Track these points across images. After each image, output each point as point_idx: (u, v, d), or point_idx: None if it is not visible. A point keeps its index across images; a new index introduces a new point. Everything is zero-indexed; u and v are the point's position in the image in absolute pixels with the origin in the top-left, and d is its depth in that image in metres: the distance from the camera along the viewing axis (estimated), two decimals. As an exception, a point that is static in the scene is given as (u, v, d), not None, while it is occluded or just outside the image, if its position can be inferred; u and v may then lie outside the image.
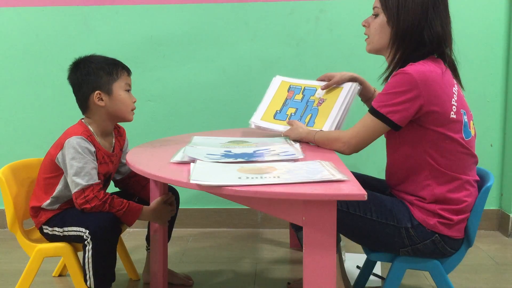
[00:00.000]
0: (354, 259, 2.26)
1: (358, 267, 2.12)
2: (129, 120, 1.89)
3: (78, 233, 1.71)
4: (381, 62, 1.73)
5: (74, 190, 1.72)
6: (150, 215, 1.82)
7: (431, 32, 1.56)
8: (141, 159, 1.69)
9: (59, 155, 1.76)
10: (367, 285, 2.01)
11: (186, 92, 2.79)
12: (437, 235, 1.54)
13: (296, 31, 2.74)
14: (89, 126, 1.84)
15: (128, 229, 2.77)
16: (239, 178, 1.31)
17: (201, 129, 2.67)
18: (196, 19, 2.74)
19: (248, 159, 1.55)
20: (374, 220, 1.56)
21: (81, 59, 1.85)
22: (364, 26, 1.72)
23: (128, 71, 1.89)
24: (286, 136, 1.93)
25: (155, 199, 1.86)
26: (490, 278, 2.20)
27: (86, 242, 1.68)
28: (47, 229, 1.80)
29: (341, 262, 1.83)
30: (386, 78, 1.66)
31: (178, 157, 1.60)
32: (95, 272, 1.68)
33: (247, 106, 2.14)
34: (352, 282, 2.00)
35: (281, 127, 1.98)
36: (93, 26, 2.76)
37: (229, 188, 1.26)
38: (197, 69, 2.78)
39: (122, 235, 2.14)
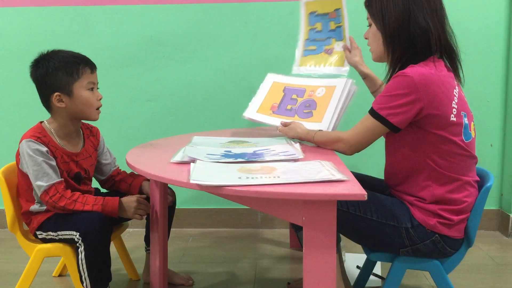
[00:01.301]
0: (354, 259, 2.26)
1: (358, 267, 2.12)
2: (94, 120, 1.84)
3: (70, 237, 1.70)
4: (381, 63, 1.73)
5: (39, 193, 1.71)
6: (120, 205, 1.75)
7: (416, 28, 1.57)
8: (141, 159, 1.69)
9: (21, 162, 1.76)
10: (367, 285, 2.01)
11: (186, 92, 2.79)
12: (437, 235, 1.54)
13: (296, 31, 2.73)
14: (49, 127, 1.81)
15: (128, 229, 2.77)
16: (239, 178, 1.31)
17: (201, 129, 2.67)
18: (196, 19, 2.74)
19: (248, 159, 1.55)
20: (374, 220, 1.56)
21: (42, 57, 1.79)
22: (366, 38, 1.74)
23: (91, 68, 1.79)
24: (283, 133, 1.93)
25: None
26: (490, 278, 2.20)
27: (78, 244, 1.67)
28: (41, 234, 1.79)
29: (341, 262, 1.83)
30: (388, 80, 1.67)
31: (178, 157, 1.60)
32: (90, 273, 1.68)
33: (247, 106, 2.14)
34: (352, 282, 2.00)
35: (277, 121, 1.98)
36: (93, 26, 2.76)
37: (229, 188, 1.26)
38: (197, 69, 2.78)
39: (122, 235, 2.14)
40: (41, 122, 1.84)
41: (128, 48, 2.76)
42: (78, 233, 1.67)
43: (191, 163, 1.50)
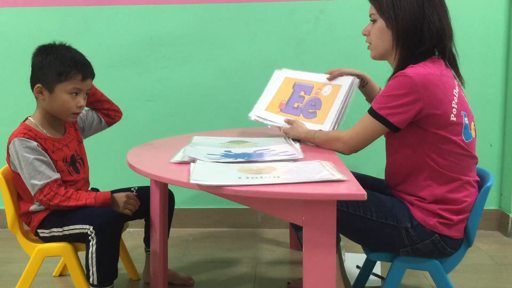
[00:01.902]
0: (354, 259, 2.26)
1: (358, 267, 2.12)
2: (68, 122, 1.87)
3: (81, 231, 1.70)
4: (381, 62, 1.73)
5: (33, 193, 1.71)
6: (112, 199, 1.78)
7: (430, 27, 1.56)
8: (141, 159, 1.69)
9: (13, 164, 1.76)
10: (367, 285, 2.01)
11: (186, 92, 2.79)
12: (437, 235, 1.55)
13: (296, 31, 2.74)
14: (34, 120, 1.81)
15: (128, 229, 2.77)
16: (239, 178, 1.32)
17: (201, 129, 2.67)
18: (196, 19, 2.74)
19: (248, 159, 1.55)
20: (374, 220, 1.56)
21: (46, 47, 1.80)
22: (365, 35, 1.72)
23: (84, 76, 1.77)
24: (285, 133, 1.93)
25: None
26: (490, 278, 2.20)
27: (90, 237, 1.68)
28: (43, 232, 1.79)
29: (341, 262, 1.83)
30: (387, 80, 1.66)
31: (178, 157, 1.61)
32: (98, 268, 1.68)
33: (247, 106, 2.14)
34: (352, 282, 2.00)
35: (282, 120, 1.98)
36: (93, 26, 2.76)
37: (229, 188, 1.26)
38: (197, 69, 2.78)
39: (122, 235, 2.14)
40: (24, 121, 1.84)
41: (128, 48, 2.76)
42: (92, 227, 1.67)
43: (191, 163, 1.50)
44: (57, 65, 1.75)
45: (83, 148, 1.97)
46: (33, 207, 1.78)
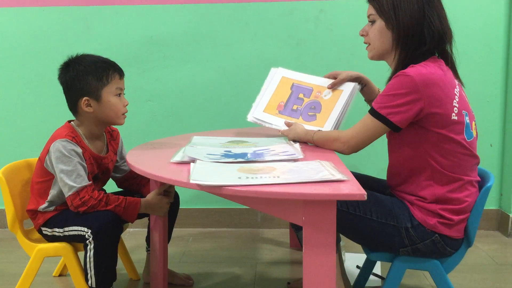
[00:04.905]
0: (354, 259, 2.26)
1: (358, 267, 2.12)
2: (120, 124, 1.86)
3: (79, 233, 1.70)
4: (381, 62, 1.73)
5: (68, 193, 1.70)
6: (148, 206, 1.79)
7: (431, 28, 1.57)
8: (141, 159, 1.69)
9: (47, 160, 1.75)
10: (367, 285, 2.01)
11: (186, 92, 2.79)
12: (437, 235, 1.55)
13: (296, 31, 2.74)
14: (78, 128, 1.81)
15: (128, 229, 2.77)
16: (239, 178, 1.32)
17: (201, 129, 2.67)
18: (196, 19, 2.74)
19: (248, 159, 1.55)
20: (374, 220, 1.56)
21: (72, 60, 1.79)
22: (362, 35, 1.71)
23: (120, 74, 1.81)
24: (285, 135, 1.93)
25: (152, 191, 1.84)
26: (490, 278, 2.20)
27: (87, 241, 1.67)
28: (46, 230, 1.79)
29: (341, 262, 1.83)
30: (388, 80, 1.66)
31: (178, 157, 1.61)
32: (96, 272, 1.68)
33: (247, 106, 2.14)
34: (352, 282, 2.00)
35: (281, 122, 1.98)
36: (93, 26, 2.76)
37: (229, 188, 1.26)
38: (197, 69, 2.78)
39: (122, 235, 2.14)
40: (69, 121, 1.84)
41: (128, 48, 2.76)
42: (90, 230, 1.67)
43: (191, 163, 1.50)
44: (93, 71, 1.75)
45: (110, 172, 1.96)
46: (42, 207, 1.78)
